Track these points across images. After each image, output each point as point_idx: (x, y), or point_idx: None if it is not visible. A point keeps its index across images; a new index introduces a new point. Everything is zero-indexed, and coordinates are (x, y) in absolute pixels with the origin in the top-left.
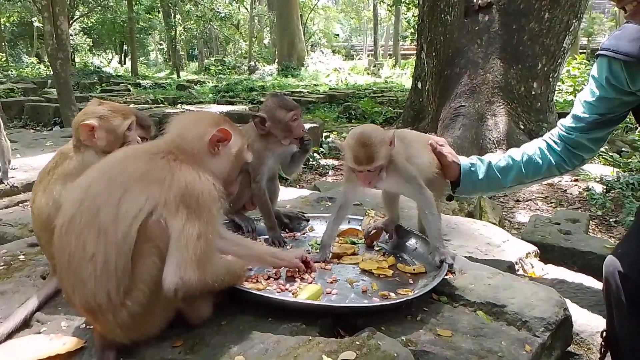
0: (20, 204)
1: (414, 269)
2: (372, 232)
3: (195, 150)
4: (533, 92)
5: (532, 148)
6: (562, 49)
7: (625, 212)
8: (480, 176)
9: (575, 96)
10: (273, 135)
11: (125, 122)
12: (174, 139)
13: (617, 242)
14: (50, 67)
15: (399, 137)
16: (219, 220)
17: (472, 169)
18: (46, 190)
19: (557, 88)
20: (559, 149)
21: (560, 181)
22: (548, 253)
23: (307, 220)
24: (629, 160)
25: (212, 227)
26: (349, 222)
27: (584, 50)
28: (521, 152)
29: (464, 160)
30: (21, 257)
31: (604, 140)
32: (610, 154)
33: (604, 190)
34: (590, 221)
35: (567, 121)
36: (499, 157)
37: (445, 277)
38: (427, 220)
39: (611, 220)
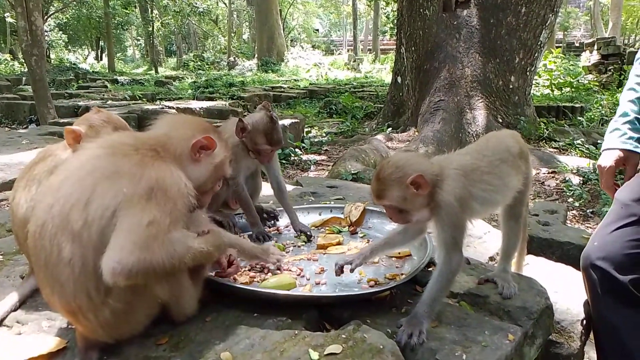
0: None
1: (399, 252)
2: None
3: (178, 152)
4: (511, 86)
5: None
6: (539, 43)
7: (602, 203)
8: None
9: (552, 90)
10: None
11: None
12: (160, 137)
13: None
14: (24, 64)
15: (469, 168)
16: (184, 216)
17: None
18: (25, 188)
19: (534, 82)
20: None
21: (538, 174)
22: (527, 244)
23: None
24: None
25: (172, 219)
26: (331, 210)
27: (560, 44)
28: None
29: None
30: None
31: None
32: (587, 145)
33: (581, 182)
34: (568, 212)
35: None
36: None
37: (429, 269)
38: (434, 281)
39: (588, 211)
